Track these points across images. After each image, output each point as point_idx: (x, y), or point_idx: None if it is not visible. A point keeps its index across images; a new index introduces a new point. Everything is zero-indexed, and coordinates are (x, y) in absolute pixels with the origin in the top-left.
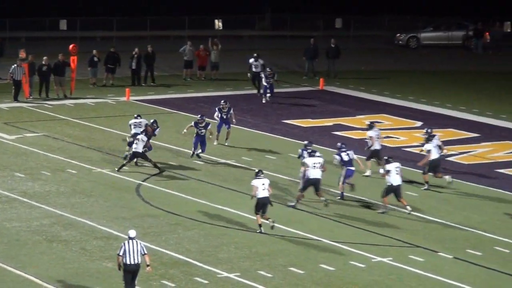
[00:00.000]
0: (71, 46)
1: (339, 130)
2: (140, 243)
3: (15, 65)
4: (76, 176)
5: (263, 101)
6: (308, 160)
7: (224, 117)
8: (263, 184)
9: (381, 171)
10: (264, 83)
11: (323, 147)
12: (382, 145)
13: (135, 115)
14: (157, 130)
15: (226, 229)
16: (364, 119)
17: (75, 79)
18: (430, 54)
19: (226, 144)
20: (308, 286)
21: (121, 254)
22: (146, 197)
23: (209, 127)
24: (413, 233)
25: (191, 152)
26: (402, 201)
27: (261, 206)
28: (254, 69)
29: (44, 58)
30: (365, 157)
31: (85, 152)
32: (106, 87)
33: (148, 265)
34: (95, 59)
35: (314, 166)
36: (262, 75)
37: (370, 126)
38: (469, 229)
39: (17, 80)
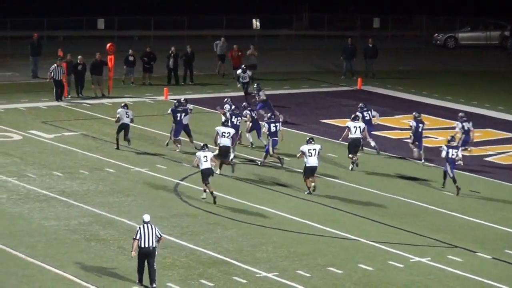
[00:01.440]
0: (108, 45)
1: (377, 130)
2: (155, 227)
3: (55, 65)
4: (114, 175)
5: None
6: (219, 129)
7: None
8: (205, 156)
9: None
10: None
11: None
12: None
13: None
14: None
15: (264, 228)
16: (402, 119)
17: (112, 78)
18: (468, 54)
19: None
20: (347, 286)
21: (137, 238)
22: (184, 196)
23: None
24: (451, 233)
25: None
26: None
27: (205, 176)
28: (242, 80)
29: (79, 57)
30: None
31: (123, 151)
32: (145, 86)
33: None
34: (130, 58)
35: (224, 135)
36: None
37: (354, 118)
38: (507, 229)
39: (58, 80)
